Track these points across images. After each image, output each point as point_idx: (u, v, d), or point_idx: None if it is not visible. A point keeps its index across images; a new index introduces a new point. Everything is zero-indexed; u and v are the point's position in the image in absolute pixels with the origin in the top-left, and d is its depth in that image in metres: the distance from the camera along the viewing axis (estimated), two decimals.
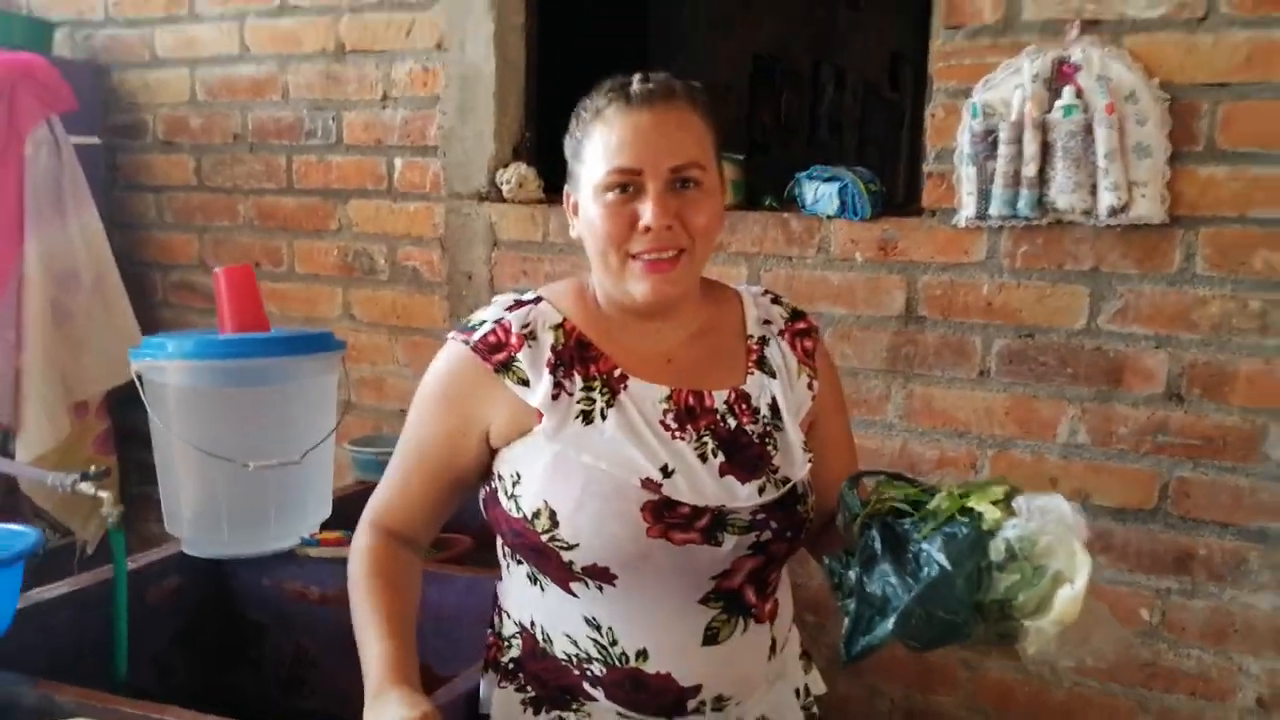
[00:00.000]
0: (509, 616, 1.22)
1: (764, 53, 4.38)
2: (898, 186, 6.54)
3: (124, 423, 2.87)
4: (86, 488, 1.55)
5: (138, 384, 1.81)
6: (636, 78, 1.15)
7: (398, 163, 2.54)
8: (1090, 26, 1.85)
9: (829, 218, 2.08)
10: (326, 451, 1.86)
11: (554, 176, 2.43)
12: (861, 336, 2.08)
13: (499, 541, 1.23)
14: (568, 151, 1.19)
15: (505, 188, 2.40)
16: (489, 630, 1.26)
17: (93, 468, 1.56)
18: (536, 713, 1.18)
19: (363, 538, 1.19)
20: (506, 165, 2.43)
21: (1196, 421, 1.86)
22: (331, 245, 2.65)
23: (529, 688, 1.19)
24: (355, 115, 2.58)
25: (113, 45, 2.87)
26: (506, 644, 1.22)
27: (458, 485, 1.19)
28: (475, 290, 2.47)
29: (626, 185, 1.10)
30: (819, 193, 2.10)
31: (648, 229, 1.09)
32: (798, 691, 1.30)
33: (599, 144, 1.12)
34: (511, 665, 1.20)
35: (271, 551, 1.83)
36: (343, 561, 1.22)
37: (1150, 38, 1.82)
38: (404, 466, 1.20)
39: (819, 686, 1.35)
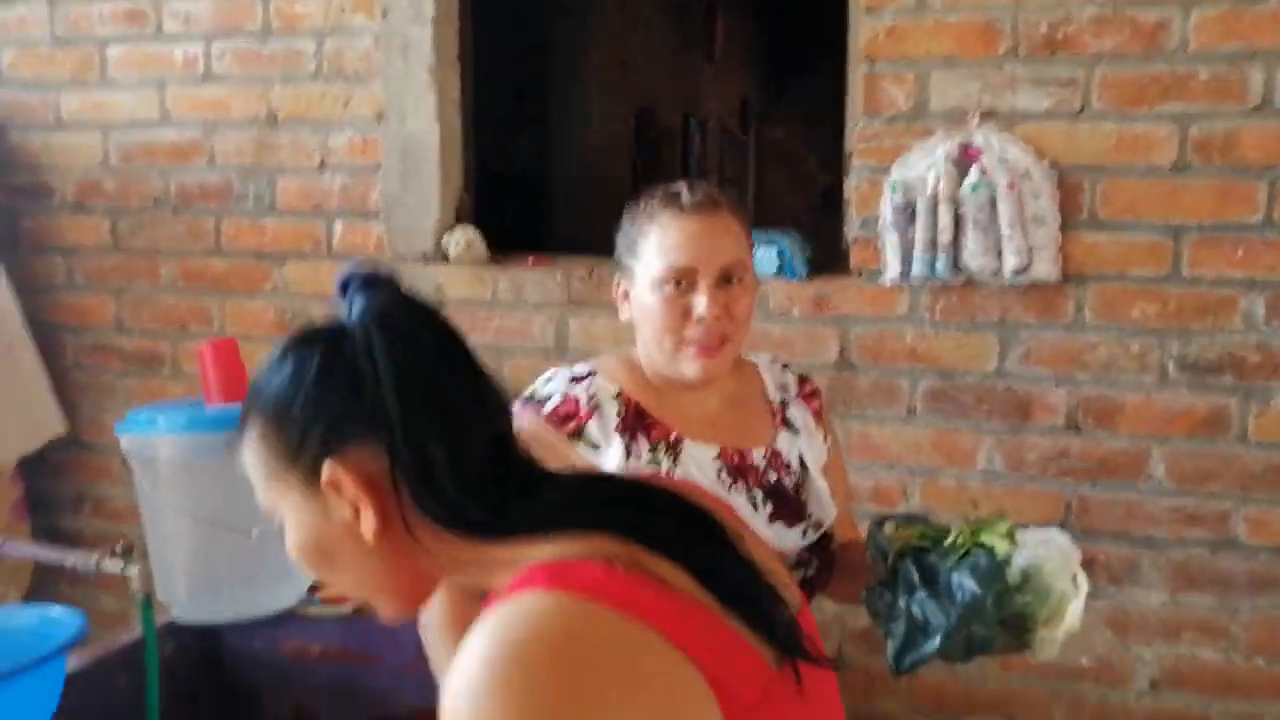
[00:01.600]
0: None
1: (641, 111, 4.63)
2: (749, 210, 7.02)
3: (35, 489, 2.77)
4: (112, 565, 1.55)
5: (125, 458, 1.82)
6: (684, 187, 1.33)
7: (338, 226, 2.59)
8: (988, 116, 2.15)
9: (768, 278, 2.31)
10: None
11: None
12: None
13: None
14: (621, 247, 1.35)
15: (453, 250, 2.50)
16: None
17: (119, 545, 1.56)
18: None
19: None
20: (452, 228, 2.54)
21: (1094, 448, 2.18)
22: (267, 305, 2.66)
23: None
24: (290, 180, 2.61)
25: (11, 105, 2.78)
26: None
27: None
28: None
29: (680, 281, 1.27)
30: (758, 255, 2.32)
31: (700, 319, 1.26)
32: None
33: (654, 244, 1.29)
34: None
35: (272, 613, 1.87)
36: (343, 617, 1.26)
37: (1039, 125, 2.14)
38: None
39: None
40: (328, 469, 0.75)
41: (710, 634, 0.69)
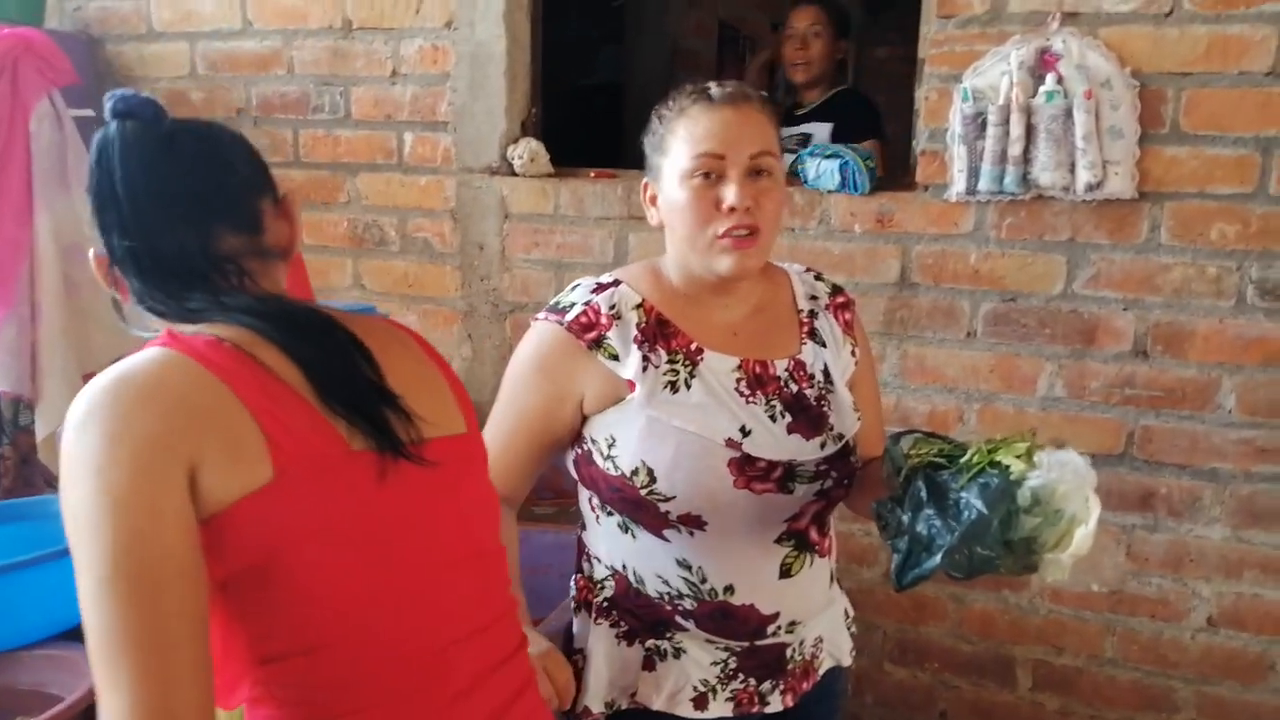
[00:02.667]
0: (599, 562, 1.38)
1: (727, 21, 4.51)
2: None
3: None
4: None
5: None
6: (714, 84, 1.31)
7: (408, 137, 2.63)
8: (1069, 19, 2.03)
9: (830, 192, 2.26)
10: None
11: (554, 151, 2.57)
12: (860, 302, 2.22)
13: (585, 497, 1.38)
14: (648, 148, 1.33)
15: (517, 162, 2.52)
16: (578, 576, 1.42)
17: None
18: (630, 644, 1.35)
19: None
20: (516, 141, 2.55)
21: (1160, 375, 2.09)
22: (341, 217, 2.74)
23: (623, 622, 1.35)
24: (364, 91, 2.66)
25: (105, 18, 2.88)
26: (600, 586, 1.37)
27: (553, 448, 1.34)
28: (487, 260, 2.59)
29: (709, 172, 1.25)
30: (820, 169, 2.27)
31: (731, 209, 1.24)
32: (845, 611, 1.50)
33: (684, 136, 1.27)
34: (606, 604, 1.36)
35: None
36: None
37: (1123, 30, 2.01)
38: (504, 432, 1.33)
39: (850, 609, 1.55)
40: (92, 253, 0.97)
41: (281, 402, 0.88)
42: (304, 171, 2.76)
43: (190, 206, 0.94)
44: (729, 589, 1.29)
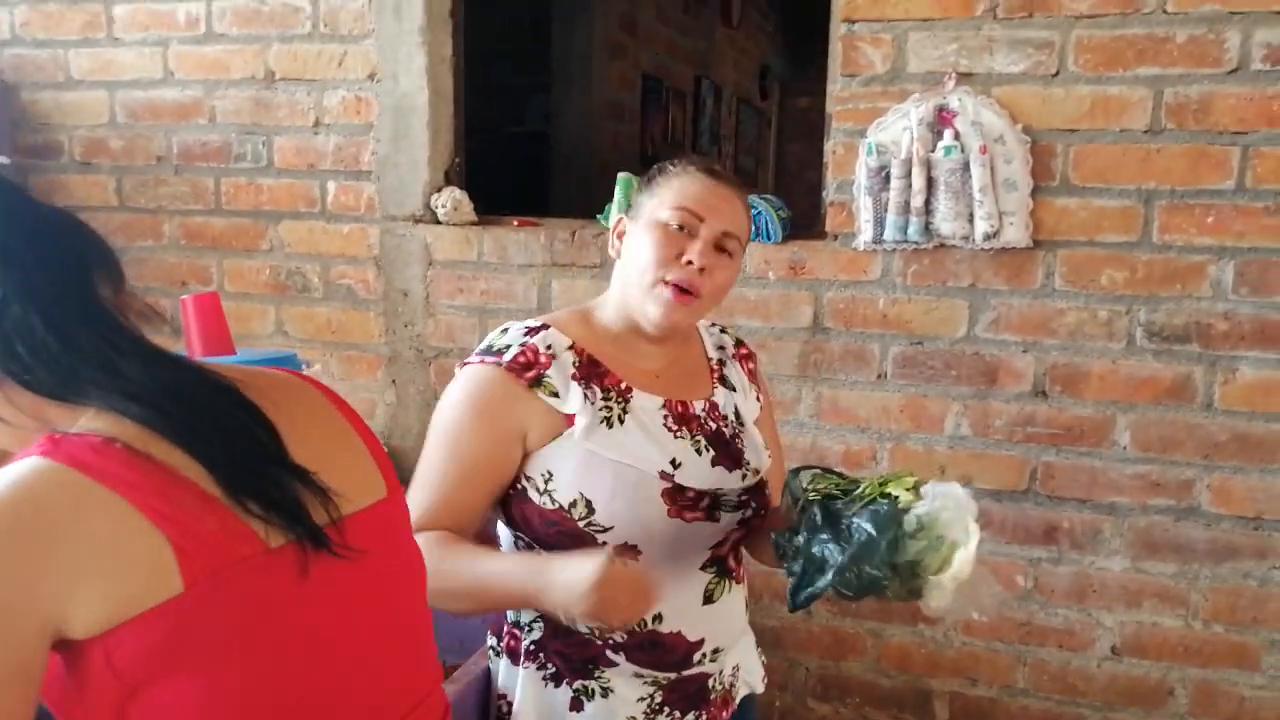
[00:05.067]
0: None
1: (651, 73, 4.63)
2: (768, 179, 6.99)
3: None
4: None
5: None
6: (715, 163, 1.45)
7: (331, 186, 2.65)
8: (964, 79, 2.15)
9: None
10: None
11: (482, 197, 2.61)
12: (776, 346, 2.34)
13: (508, 542, 1.40)
14: (643, 193, 1.40)
15: (441, 211, 2.56)
16: (504, 622, 1.44)
17: None
18: (558, 685, 1.37)
19: (421, 538, 1.26)
20: (440, 190, 2.59)
21: (1058, 414, 2.19)
22: (263, 264, 2.74)
23: (550, 664, 1.37)
24: (286, 140, 2.67)
25: (21, 64, 2.86)
26: (526, 629, 1.39)
27: (500, 490, 1.34)
28: (411, 307, 2.61)
29: (684, 225, 1.33)
30: None
31: (688, 263, 1.31)
32: (753, 641, 1.55)
33: (676, 188, 1.36)
34: (533, 647, 1.38)
35: None
36: None
37: (1013, 89, 2.13)
38: (448, 480, 1.31)
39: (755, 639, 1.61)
40: None
41: (184, 507, 0.80)
42: (226, 219, 2.75)
43: (65, 252, 0.87)
44: (657, 617, 1.33)
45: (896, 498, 1.23)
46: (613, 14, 4.19)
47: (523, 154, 4.10)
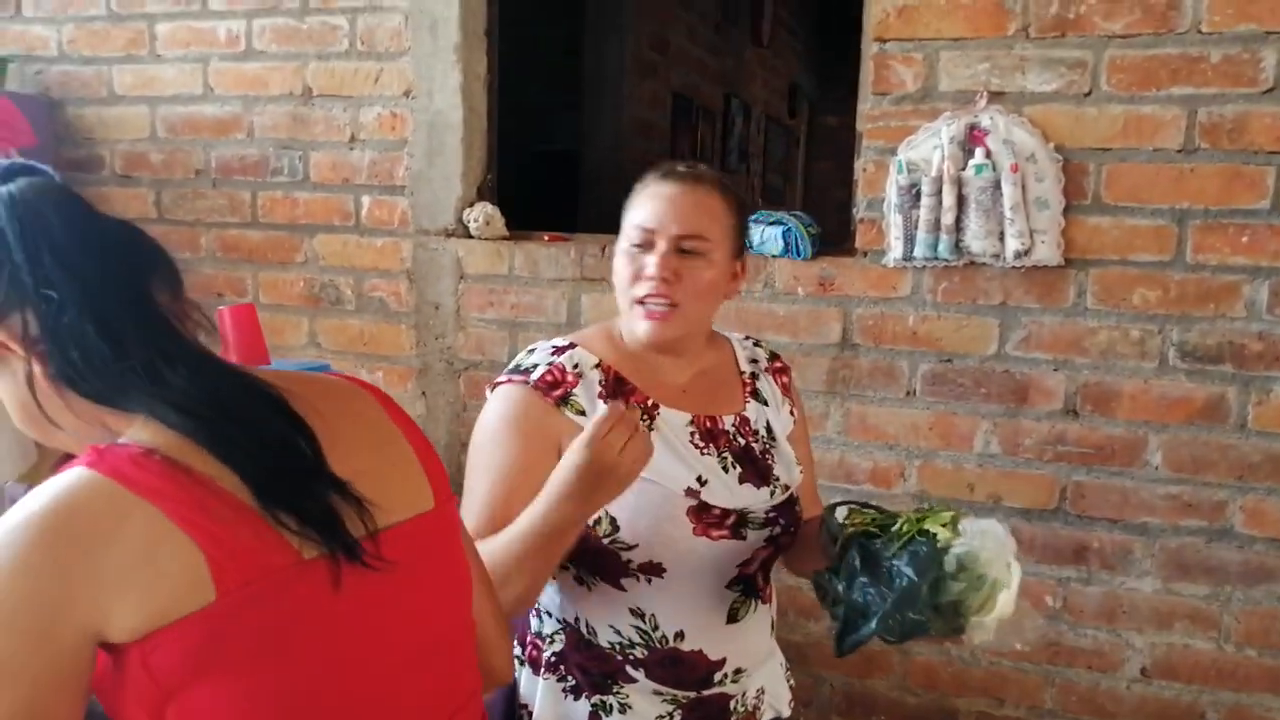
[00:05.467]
0: (549, 617, 1.41)
1: (681, 91, 4.66)
2: (795, 196, 7.00)
3: None
4: None
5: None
6: (681, 164, 1.41)
7: (365, 200, 2.69)
8: (996, 97, 2.15)
9: (774, 257, 2.35)
10: None
11: (511, 214, 2.64)
12: (804, 362, 2.34)
13: None
14: (624, 215, 1.41)
15: (473, 225, 2.59)
16: (528, 632, 1.45)
17: None
18: (577, 699, 1.37)
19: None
20: (472, 205, 2.62)
21: (1089, 433, 2.18)
22: (298, 277, 2.78)
23: (570, 677, 1.38)
24: (322, 155, 2.72)
25: (66, 81, 2.93)
26: (548, 640, 1.40)
27: None
28: (442, 320, 2.64)
29: (642, 243, 1.34)
30: (765, 234, 2.36)
31: (649, 278, 1.32)
32: (781, 664, 1.54)
33: (635, 206, 1.38)
34: (554, 659, 1.39)
35: None
36: None
37: (1045, 108, 2.14)
38: (494, 496, 1.30)
39: (784, 661, 1.60)
40: None
41: (220, 518, 0.81)
42: (261, 232, 2.80)
43: (122, 261, 0.88)
44: (679, 635, 1.33)
45: (935, 535, 1.23)
46: (644, 33, 4.23)
47: (552, 173, 4.14)
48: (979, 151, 2.14)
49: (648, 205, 1.35)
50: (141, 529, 0.78)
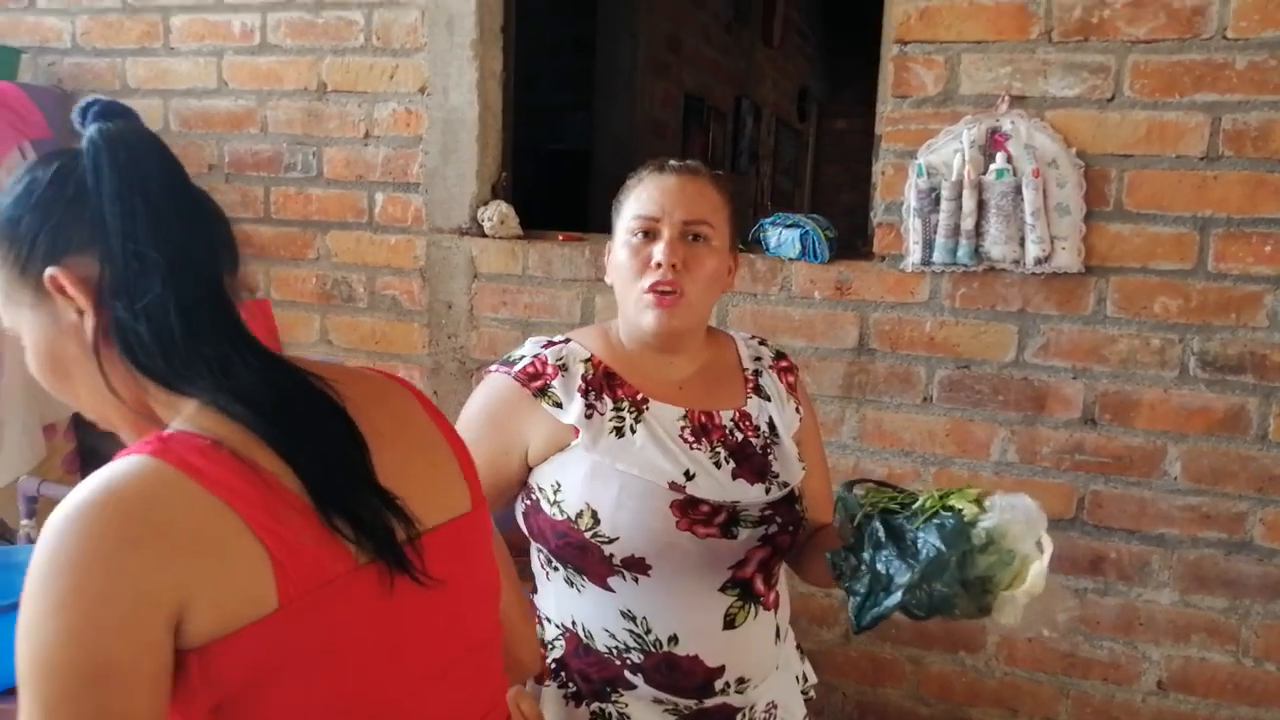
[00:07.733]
0: (549, 622, 1.39)
1: (693, 92, 4.64)
2: (804, 200, 6.99)
3: (86, 443, 2.92)
4: None
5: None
6: (673, 159, 1.41)
7: (379, 197, 2.68)
8: (1017, 101, 2.14)
9: (790, 260, 2.33)
10: None
11: (523, 213, 2.62)
12: (819, 366, 2.32)
13: (534, 555, 1.40)
14: (614, 214, 1.41)
15: (487, 224, 2.57)
16: None
17: None
18: (578, 706, 1.35)
19: None
20: (486, 203, 2.61)
21: (1108, 442, 2.16)
22: (310, 273, 2.76)
23: (570, 684, 1.36)
24: (336, 151, 2.70)
25: (79, 73, 2.91)
26: (549, 647, 1.39)
27: (500, 499, 1.36)
28: (455, 319, 2.62)
29: (647, 231, 1.34)
30: (781, 237, 2.34)
31: (659, 265, 1.31)
32: (797, 678, 1.51)
33: (633, 200, 1.38)
34: (555, 665, 1.37)
35: None
36: None
37: (1068, 113, 2.12)
38: None
39: (813, 676, 1.57)
40: (49, 271, 0.79)
41: (285, 520, 0.78)
42: (274, 228, 2.78)
43: (207, 233, 0.83)
44: (673, 639, 1.31)
45: (961, 510, 1.20)
46: (657, 34, 4.21)
47: (563, 172, 4.12)
48: (1000, 156, 2.12)
49: (649, 196, 1.35)
50: (214, 526, 0.75)
